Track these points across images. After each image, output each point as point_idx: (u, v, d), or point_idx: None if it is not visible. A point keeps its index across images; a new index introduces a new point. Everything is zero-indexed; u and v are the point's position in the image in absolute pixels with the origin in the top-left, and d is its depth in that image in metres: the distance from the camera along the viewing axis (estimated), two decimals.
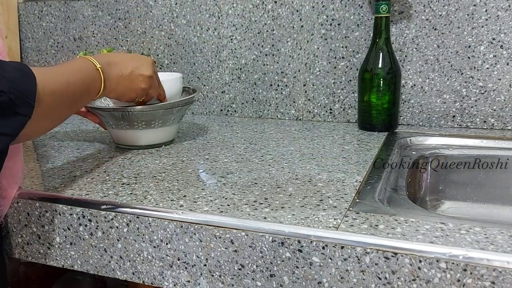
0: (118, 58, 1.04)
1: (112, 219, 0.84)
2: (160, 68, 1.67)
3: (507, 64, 1.27)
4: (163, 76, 1.25)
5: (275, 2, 1.47)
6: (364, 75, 1.31)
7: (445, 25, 1.31)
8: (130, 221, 0.82)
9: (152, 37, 1.66)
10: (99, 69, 0.95)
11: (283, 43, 1.50)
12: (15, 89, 0.71)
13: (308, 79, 1.49)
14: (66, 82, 0.85)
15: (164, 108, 1.15)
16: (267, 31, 1.51)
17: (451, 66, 1.33)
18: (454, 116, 1.35)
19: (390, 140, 1.23)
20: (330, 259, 0.70)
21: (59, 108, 0.85)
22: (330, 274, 0.71)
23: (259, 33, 1.52)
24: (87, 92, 0.94)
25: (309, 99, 1.50)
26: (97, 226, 0.85)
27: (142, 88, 1.07)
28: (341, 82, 1.45)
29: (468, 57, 1.31)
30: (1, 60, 0.73)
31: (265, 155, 1.12)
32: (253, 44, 1.53)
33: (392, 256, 0.67)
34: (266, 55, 1.53)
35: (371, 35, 1.33)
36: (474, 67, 1.31)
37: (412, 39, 1.35)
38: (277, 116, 1.56)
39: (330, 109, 1.48)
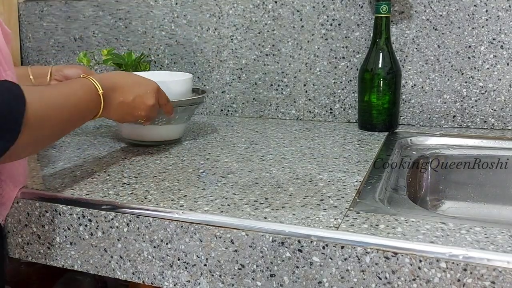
0: (123, 81, 1.01)
1: (112, 219, 0.84)
2: (160, 68, 1.67)
3: (507, 64, 1.27)
4: (173, 76, 1.29)
5: (276, 2, 1.47)
6: (365, 75, 1.31)
7: (445, 25, 1.31)
8: (130, 221, 0.82)
9: (152, 37, 1.66)
10: (101, 94, 0.92)
11: (284, 43, 1.50)
12: (1, 110, 0.69)
13: (308, 79, 1.49)
14: (60, 106, 0.83)
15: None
16: (267, 31, 1.51)
17: (452, 66, 1.33)
18: (454, 116, 1.35)
19: (390, 140, 1.23)
20: (331, 259, 0.70)
21: (47, 133, 0.81)
22: (330, 274, 0.71)
23: (259, 33, 1.52)
24: (83, 116, 0.91)
25: (309, 99, 1.50)
26: (97, 226, 0.85)
27: (142, 115, 1.04)
28: (341, 82, 1.45)
29: (469, 57, 1.31)
30: None
31: (266, 155, 1.12)
32: (254, 44, 1.53)
33: (392, 256, 0.67)
34: (266, 55, 1.53)
35: (372, 35, 1.33)
36: (475, 67, 1.31)
37: (413, 39, 1.35)
38: (278, 116, 1.56)
39: (331, 109, 1.48)
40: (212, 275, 0.78)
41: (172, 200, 0.85)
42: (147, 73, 1.30)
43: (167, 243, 0.80)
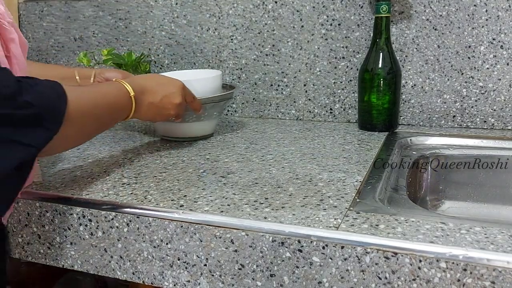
0: (150, 83, 1.06)
1: (112, 219, 0.84)
2: (161, 69, 1.67)
3: (507, 64, 1.27)
4: (202, 73, 1.36)
5: (276, 2, 1.47)
6: (365, 75, 1.31)
7: (445, 25, 1.31)
8: (130, 221, 0.83)
9: (152, 37, 1.66)
10: (132, 97, 0.98)
11: (284, 43, 1.50)
12: (46, 104, 0.74)
13: (308, 79, 1.49)
14: (97, 104, 0.89)
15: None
16: (267, 31, 1.51)
17: (452, 66, 1.33)
18: (454, 116, 1.35)
19: (390, 140, 1.23)
20: (331, 259, 0.70)
21: (86, 128, 0.88)
22: (330, 274, 0.71)
23: (259, 33, 1.52)
24: (116, 116, 0.98)
25: (309, 99, 1.50)
26: (98, 226, 0.85)
27: (171, 114, 1.10)
28: (341, 82, 1.45)
29: (469, 57, 1.31)
30: (37, 78, 0.76)
31: (266, 155, 1.12)
32: (254, 44, 1.53)
33: (392, 256, 0.67)
34: (266, 55, 1.53)
35: (372, 35, 1.33)
36: (474, 67, 1.31)
37: (413, 39, 1.35)
38: (278, 116, 1.56)
39: (331, 109, 1.48)
40: (212, 275, 0.78)
41: (172, 200, 0.85)
42: (179, 72, 1.40)
43: (167, 243, 0.81)
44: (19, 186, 0.77)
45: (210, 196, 0.86)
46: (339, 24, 1.42)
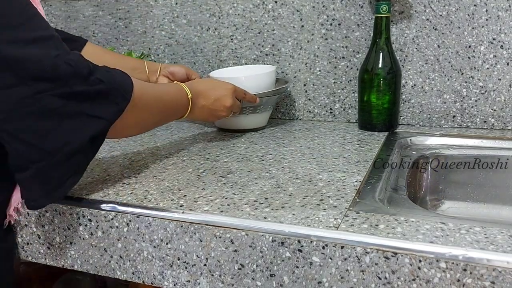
0: (204, 87, 1.14)
1: (112, 218, 0.84)
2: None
3: (507, 64, 1.27)
4: (258, 69, 1.46)
5: (276, 2, 1.47)
6: (365, 75, 1.31)
7: (445, 25, 1.31)
8: (130, 220, 0.82)
9: (152, 36, 1.66)
10: (190, 98, 1.06)
11: (284, 43, 1.49)
12: (116, 82, 0.82)
13: (308, 79, 1.49)
14: (159, 97, 0.98)
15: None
16: (267, 31, 1.51)
17: (452, 66, 1.32)
18: (454, 116, 1.35)
19: (390, 140, 1.23)
20: (330, 259, 0.70)
21: (147, 118, 0.96)
22: (330, 274, 0.71)
23: (259, 33, 1.52)
24: (174, 112, 1.05)
25: (309, 99, 1.50)
26: (97, 225, 0.85)
27: (222, 115, 1.18)
28: (341, 82, 1.45)
29: (469, 57, 1.31)
30: (106, 65, 0.85)
31: (266, 155, 1.12)
32: (254, 44, 1.53)
33: (392, 256, 0.67)
34: (266, 55, 1.53)
35: (372, 35, 1.33)
36: (475, 67, 1.31)
37: (413, 39, 1.35)
38: (278, 116, 1.56)
39: (331, 109, 1.48)
40: (212, 275, 0.78)
41: (172, 200, 0.85)
42: (236, 68, 1.53)
43: (167, 243, 0.80)
44: (91, 157, 0.83)
45: (210, 196, 0.86)
46: (339, 24, 1.42)
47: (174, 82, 1.15)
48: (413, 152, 1.20)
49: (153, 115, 0.97)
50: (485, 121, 1.33)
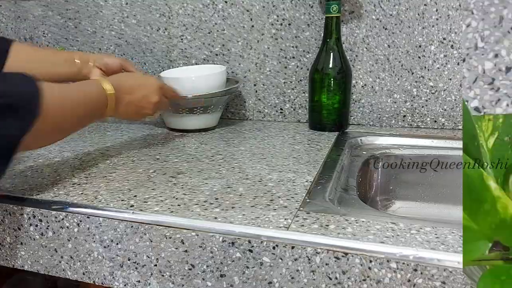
0: (128, 83, 1.07)
1: (62, 219, 0.82)
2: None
3: (458, 64, 1.28)
4: (208, 69, 1.46)
5: (226, 2, 1.46)
6: (315, 75, 1.30)
7: (395, 24, 1.31)
8: (80, 221, 0.81)
9: (102, 37, 1.64)
10: (110, 95, 0.99)
11: (234, 42, 1.48)
12: (19, 95, 0.74)
13: (258, 79, 1.48)
14: (75, 101, 0.90)
15: (204, 98, 1.31)
16: (217, 30, 1.49)
17: (402, 65, 1.33)
18: (404, 116, 1.36)
19: (340, 140, 1.23)
20: (281, 259, 0.69)
21: (63, 124, 0.87)
22: (280, 274, 0.70)
23: (209, 33, 1.51)
24: (94, 113, 0.97)
25: (259, 99, 1.49)
26: (48, 226, 0.83)
27: (149, 113, 1.12)
28: (291, 82, 1.45)
29: (419, 57, 1.31)
30: (10, 72, 0.78)
31: (216, 155, 1.10)
32: (204, 43, 1.52)
33: (342, 256, 0.66)
34: (216, 54, 1.51)
35: (322, 35, 1.33)
36: (425, 67, 1.31)
37: (363, 38, 1.35)
38: (228, 116, 1.55)
39: (281, 109, 1.48)
40: (162, 275, 0.77)
41: (122, 200, 0.84)
42: (186, 68, 1.52)
43: (117, 244, 0.79)
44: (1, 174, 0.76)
45: (160, 196, 0.85)
46: (289, 24, 1.41)
47: (98, 77, 1.08)
48: (364, 152, 1.20)
49: (68, 120, 0.89)
50: (435, 121, 1.33)
